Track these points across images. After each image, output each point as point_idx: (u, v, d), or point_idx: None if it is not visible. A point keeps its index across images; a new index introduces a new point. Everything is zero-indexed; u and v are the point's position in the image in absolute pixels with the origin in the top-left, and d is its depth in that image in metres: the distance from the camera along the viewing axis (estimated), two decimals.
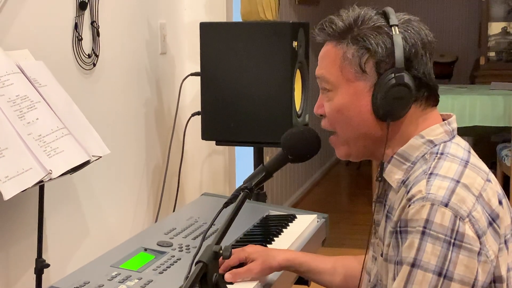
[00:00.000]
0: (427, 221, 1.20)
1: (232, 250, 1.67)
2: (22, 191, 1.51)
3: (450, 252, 1.19)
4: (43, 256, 1.76)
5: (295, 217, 2.13)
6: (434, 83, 1.36)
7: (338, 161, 6.95)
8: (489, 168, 1.37)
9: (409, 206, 1.23)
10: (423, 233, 1.20)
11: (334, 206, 5.48)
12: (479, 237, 1.20)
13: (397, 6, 1.42)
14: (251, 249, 1.66)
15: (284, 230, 2.01)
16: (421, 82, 1.33)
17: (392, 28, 1.32)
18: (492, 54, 6.72)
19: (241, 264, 1.64)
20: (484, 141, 5.69)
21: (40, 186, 1.73)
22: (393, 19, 1.33)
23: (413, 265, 1.20)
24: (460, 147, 1.34)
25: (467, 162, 1.30)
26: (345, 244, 4.31)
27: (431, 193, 1.22)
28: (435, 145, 1.33)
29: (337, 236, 4.41)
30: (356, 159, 1.44)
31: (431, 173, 1.26)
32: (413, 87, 1.32)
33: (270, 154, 4.14)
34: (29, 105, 1.65)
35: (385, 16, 1.35)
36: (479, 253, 1.20)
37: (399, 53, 1.30)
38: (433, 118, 1.36)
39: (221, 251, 1.31)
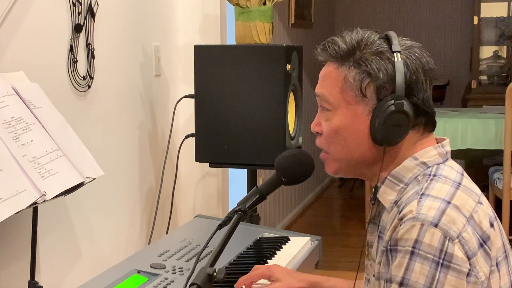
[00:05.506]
0: (416, 241, 1.21)
1: (256, 266, 1.66)
2: (16, 213, 1.51)
3: (438, 272, 1.19)
4: (36, 278, 1.75)
5: (289, 240, 2.13)
6: (432, 110, 1.36)
7: (331, 184, 6.95)
8: (481, 191, 1.38)
9: (400, 225, 1.24)
10: (412, 253, 1.21)
11: (327, 228, 5.47)
12: (469, 258, 1.21)
13: (390, 29, 1.43)
14: (277, 269, 1.65)
15: (277, 252, 2.01)
16: (420, 109, 1.34)
17: (395, 54, 1.32)
18: (483, 77, 6.76)
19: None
20: (476, 164, 5.70)
21: (34, 207, 1.73)
22: (396, 45, 1.33)
23: (401, 284, 1.21)
24: (453, 169, 1.35)
25: (459, 184, 1.31)
26: (338, 267, 4.30)
27: (421, 213, 1.23)
28: (428, 167, 1.34)
29: (330, 258, 4.40)
30: (345, 176, 1.45)
31: (422, 194, 1.27)
32: (412, 114, 1.32)
33: (263, 176, 4.15)
34: (24, 127, 1.65)
35: (388, 41, 1.35)
36: (468, 274, 1.20)
37: (400, 80, 1.30)
38: (429, 142, 1.37)
39: (214, 273, 1.31)
